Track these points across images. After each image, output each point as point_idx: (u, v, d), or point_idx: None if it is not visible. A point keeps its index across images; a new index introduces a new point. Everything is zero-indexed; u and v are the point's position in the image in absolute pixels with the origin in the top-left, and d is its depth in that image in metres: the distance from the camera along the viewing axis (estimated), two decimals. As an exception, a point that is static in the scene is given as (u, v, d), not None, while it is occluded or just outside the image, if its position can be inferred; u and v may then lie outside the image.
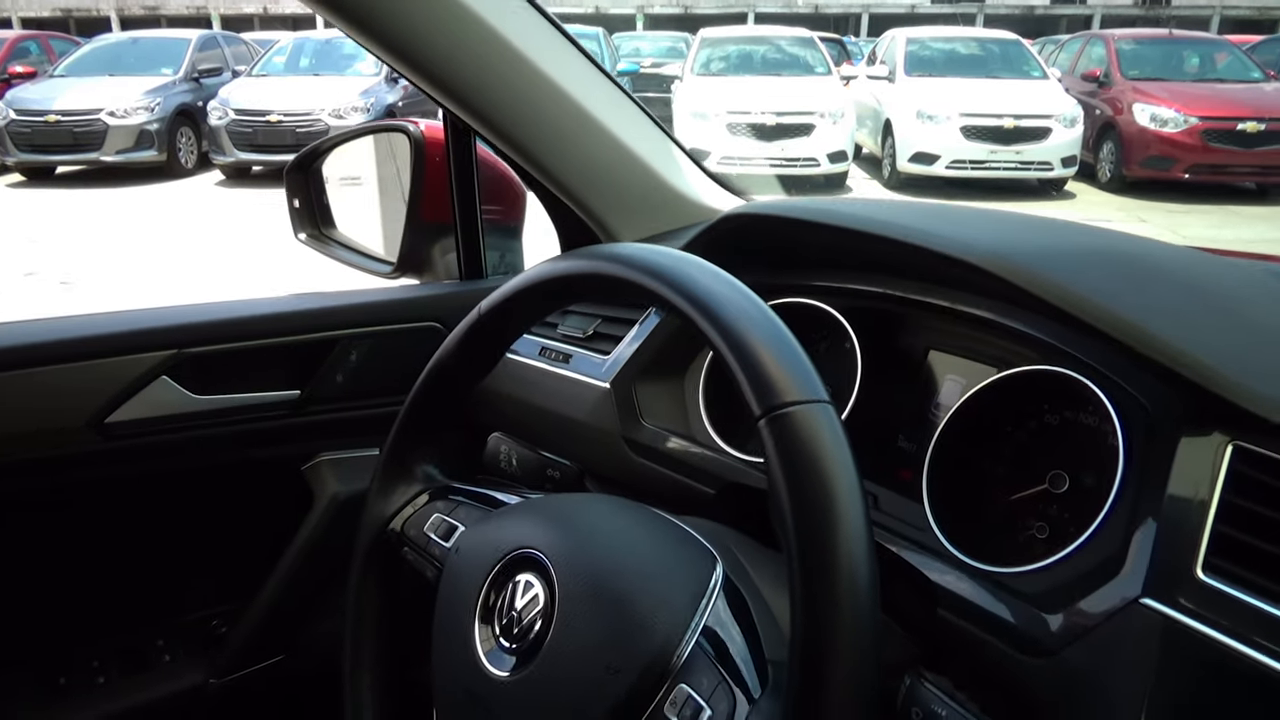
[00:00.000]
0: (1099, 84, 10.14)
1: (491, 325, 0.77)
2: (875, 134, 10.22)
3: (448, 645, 0.69)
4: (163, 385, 1.05)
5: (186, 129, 10.59)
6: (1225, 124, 8.88)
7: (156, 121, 10.02)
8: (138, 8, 26.10)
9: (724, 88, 9.68)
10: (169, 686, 1.16)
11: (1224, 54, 10.52)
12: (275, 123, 9.61)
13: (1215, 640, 0.57)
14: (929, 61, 10.24)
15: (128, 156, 9.91)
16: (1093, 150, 9.75)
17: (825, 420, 0.54)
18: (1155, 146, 9.05)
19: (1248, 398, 0.62)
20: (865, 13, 24.57)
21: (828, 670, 0.49)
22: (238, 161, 9.90)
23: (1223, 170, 8.99)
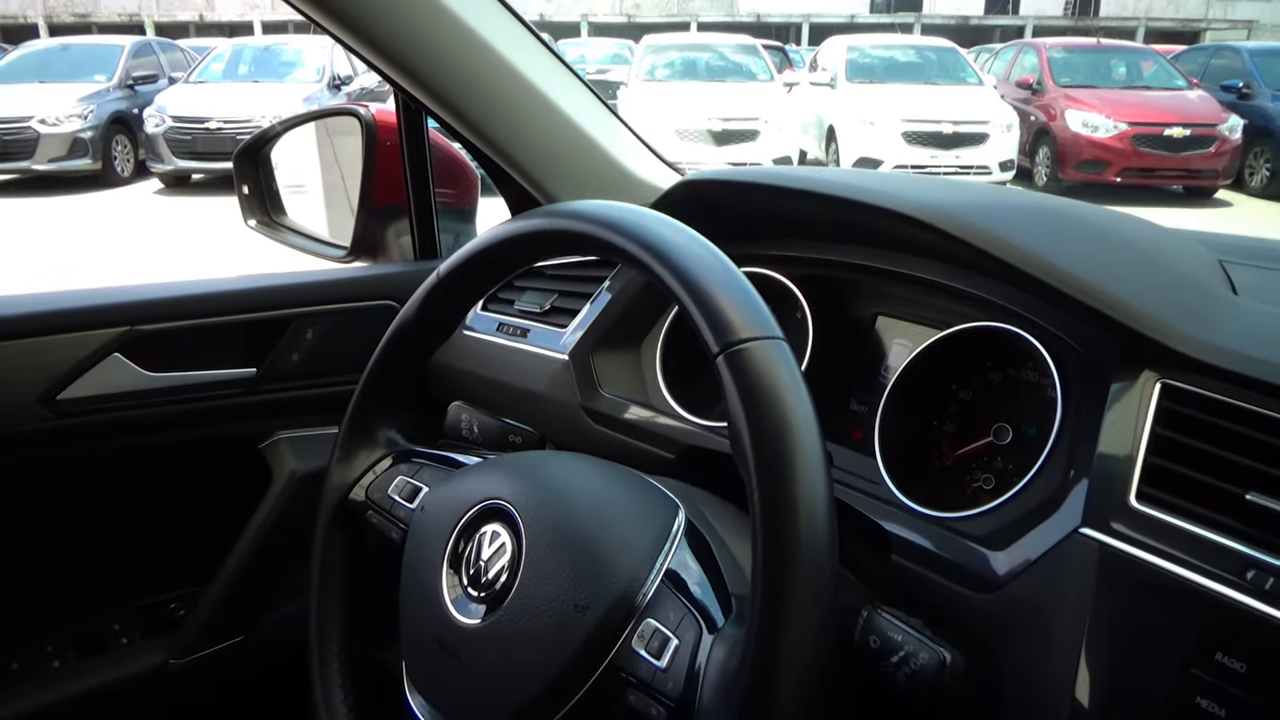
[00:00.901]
0: (1032, 91, 10.42)
1: (450, 289, 0.78)
2: (819, 140, 10.38)
3: (416, 599, 0.70)
4: (115, 363, 1.03)
5: (122, 137, 10.35)
6: (1153, 129, 9.18)
7: (90, 129, 9.78)
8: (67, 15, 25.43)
9: (670, 94, 9.75)
10: (128, 668, 1.14)
11: (1150, 63, 10.88)
12: (215, 130, 9.43)
13: (1148, 562, 0.61)
14: (869, 69, 10.43)
15: (61, 165, 9.65)
16: (1029, 155, 10.01)
17: (780, 354, 0.56)
18: (1088, 151, 9.33)
19: (1174, 338, 0.66)
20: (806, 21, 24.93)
21: (790, 588, 0.51)
22: (176, 169, 9.69)
23: (1152, 174, 9.30)
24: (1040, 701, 0.62)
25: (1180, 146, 9.17)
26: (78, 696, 1.11)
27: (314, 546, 0.82)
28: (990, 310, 0.83)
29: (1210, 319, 0.68)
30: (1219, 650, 0.56)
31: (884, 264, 0.92)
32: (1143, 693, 0.58)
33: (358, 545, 0.83)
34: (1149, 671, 0.58)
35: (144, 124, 9.74)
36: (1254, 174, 9.86)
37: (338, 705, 0.78)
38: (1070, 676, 0.61)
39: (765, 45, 12.13)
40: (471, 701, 0.64)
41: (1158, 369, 0.67)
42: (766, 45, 12.46)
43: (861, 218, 0.85)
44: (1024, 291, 0.79)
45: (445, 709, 0.66)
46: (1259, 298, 0.74)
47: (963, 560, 0.72)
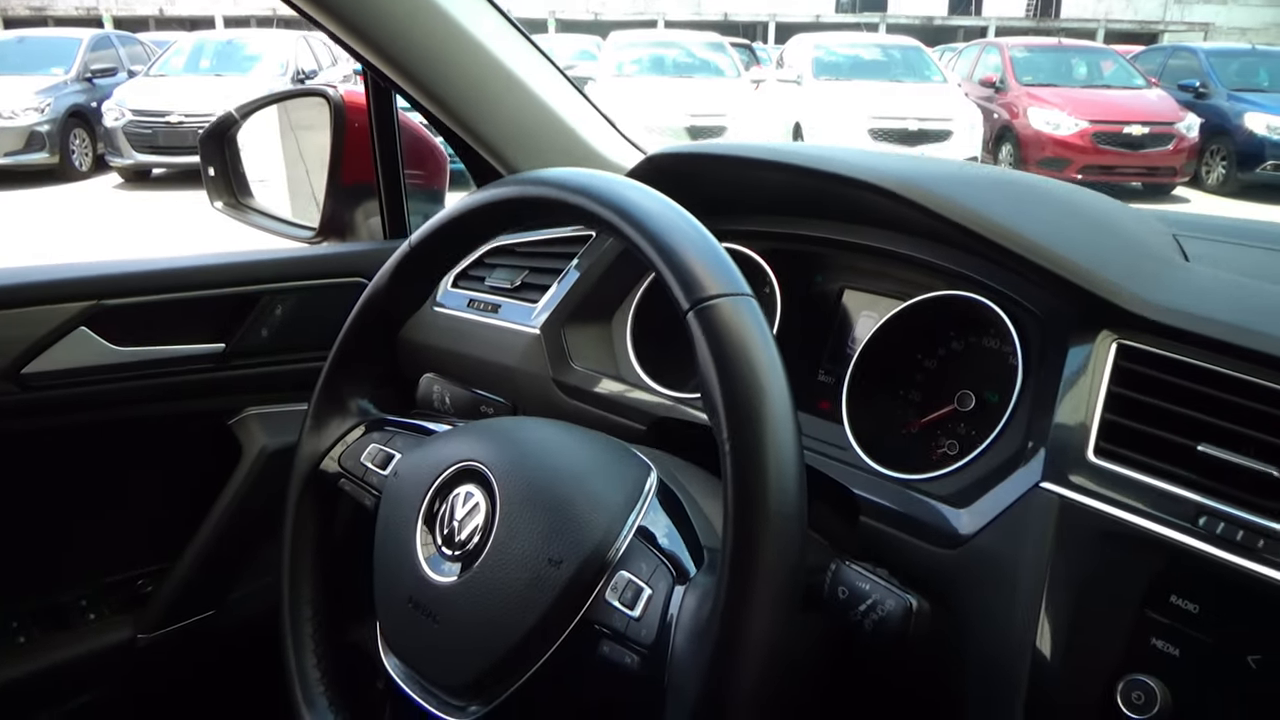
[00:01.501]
0: (995, 89, 10.55)
1: (422, 258, 0.79)
2: (786, 136, 10.44)
3: (390, 560, 0.70)
4: (81, 336, 1.02)
5: (80, 130, 10.15)
6: (1113, 127, 9.34)
7: (47, 123, 9.58)
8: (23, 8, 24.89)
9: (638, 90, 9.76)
10: (95, 643, 1.13)
11: (1110, 62, 11.06)
12: (176, 124, 9.28)
13: (1105, 513, 0.63)
14: (835, 66, 10.51)
15: (17, 159, 9.45)
16: (992, 152, 10.14)
17: (749, 310, 0.57)
18: (1050, 148, 9.46)
19: (1129, 300, 0.69)
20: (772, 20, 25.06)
21: (761, 533, 0.52)
22: (137, 164, 9.53)
23: (1111, 171, 9.45)
24: (1002, 651, 0.64)
25: (1139, 144, 9.33)
26: (44, 671, 1.10)
27: (286, 515, 0.82)
28: (953, 280, 0.85)
29: (1163, 282, 0.70)
30: (1173, 593, 0.58)
31: (849, 237, 0.94)
32: (1101, 639, 0.60)
33: (330, 514, 0.83)
34: (1107, 618, 0.60)
35: (103, 118, 9.57)
36: (1210, 171, 10.06)
37: (310, 670, 0.78)
38: (1031, 626, 0.63)
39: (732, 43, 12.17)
40: (447, 658, 0.64)
41: (1114, 330, 0.69)
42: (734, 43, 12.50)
43: (827, 188, 0.86)
44: (985, 259, 0.81)
45: (420, 667, 0.67)
46: (1209, 264, 0.77)
47: (928, 519, 0.74)
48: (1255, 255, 0.83)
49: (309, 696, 0.77)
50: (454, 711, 0.64)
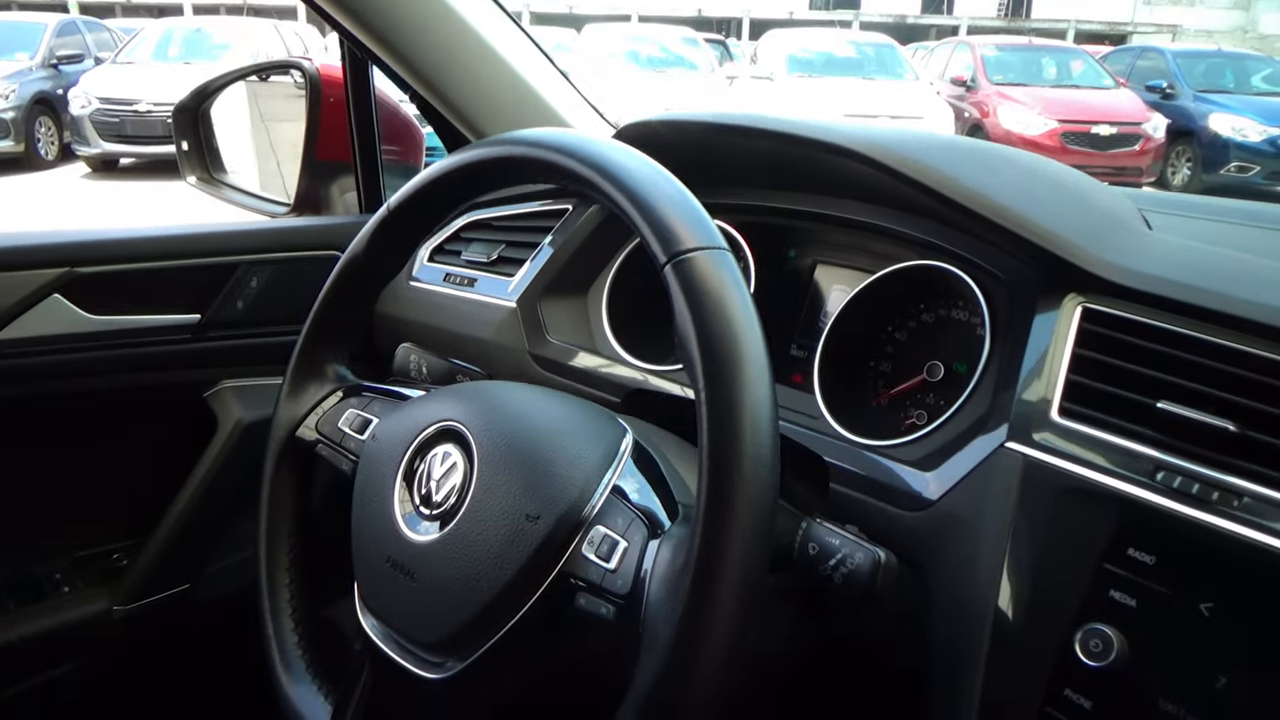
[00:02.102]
0: (966, 88, 10.65)
1: (400, 221, 0.79)
2: (759, 132, 10.46)
3: (367, 521, 0.70)
4: (55, 303, 1.02)
5: (46, 118, 9.96)
6: (1081, 127, 9.45)
7: (12, 110, 9.39)
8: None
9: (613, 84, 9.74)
10: (71, 614, 1.13)
11: (1079, 63, 11.19)
12: (144, 112, 9.13)
13: (1067, 470, 0.65)
14: (809, 63, 10.55)
15: (-20, 145, 9.28)
16: (962, 150, 10.22)
17: (725, 263, 0.58)
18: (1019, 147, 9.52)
19: (1094, 263, 0.71)
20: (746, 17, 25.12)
21: (736, 478, 0.53)
22: (104, 153, 9.36)
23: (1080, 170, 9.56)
24: (968, 607, 0.66)
25: (1107, 144, 9.45)
26: (19, 642, 1.09)
27: (263, 481, 0.82)
28: (923, 251, 0.87)
29: (1127, 248, 0.73)
30: (1131, 546, 0.60)
31: (823, 209, 0.95)
32: (1061, 591, 0.62)
33: (308, 479, 0.83)
34: (1068, 571, 0.62)
35: (69, 105, 9.40)
36: (1175, 172, 10.21)
37: (288, 635, 0.78)
38: (995, 581, 0.65)
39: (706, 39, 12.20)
40: (425, 615, 0.65)
41: (1079, 294, 0.71)
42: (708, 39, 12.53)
43: (800, 154, 0.87)
44: (954, 228, 0.83)
45: (399, 626, 0.67)
46: (1172, 233, 0.79)
47: (896, 483, 0.76)
48: (1216, 227, 0.86)
49: (287, 661, 0.77)
50: (432, 668, 0.65)
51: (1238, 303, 0.63)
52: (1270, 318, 0.62)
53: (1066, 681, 0.60)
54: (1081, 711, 0.59)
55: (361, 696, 0.70)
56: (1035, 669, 0.61)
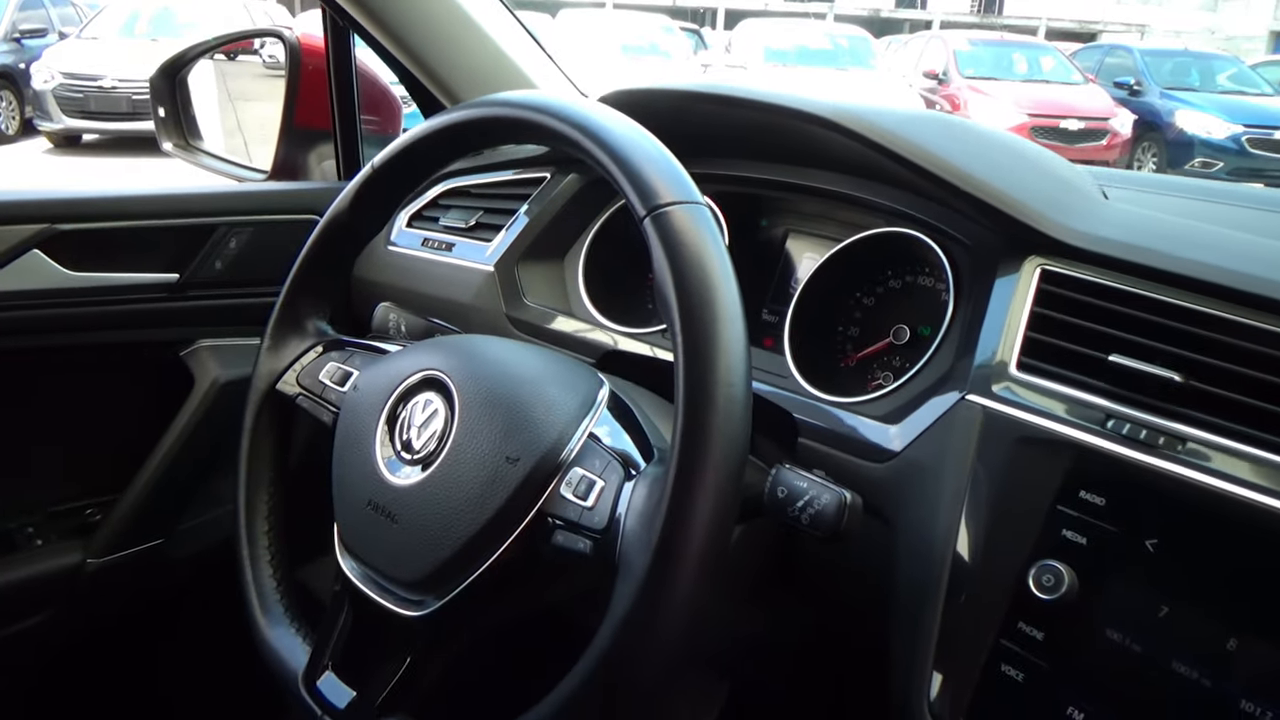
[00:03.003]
0: (938, 81, 10.74)
1: (382, 180, 0.80)
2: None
3: (349, 467, 0.72)
4: (34, 259, 1.02)
5: (7, 92, 9.76)
6: (1050, 121, 9.58)
7: (-29, 83, 9.23)
8: (-55, -36, 23.78)
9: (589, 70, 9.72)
10: (43, 566, 1.13)
11: (1049, 58, 11.33)
12: (109, 88, 8.98)
13: (1024, 420, 0.68)
14: (783, 53, 10.60)
15: (-61, 119, 9.08)
16: (934, 142, 10.32)
17: (702, 216, 0.60)
18: (990, 139, 9.66)
19: (1053, 227, 0.74)
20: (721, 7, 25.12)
21: (710, 416, 0.55)
22: (67, 129, 9.19)
23: (1044, 154, 9.69)
24: (928, 550, 0.69)
25: (1075, 138, 9.58)
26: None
27: (243, 432, 0.83)
28: (890, 218, 0.90)
29: (1084, 213, 0.76)
30: (1082, 489, 0.64)
31: (794, 178, 0.98)
32: (1016, 531, 0.65)
33: (287, 431, 0.85)
34: (1022, 514, 0.65)
35: (31, 80, 9.22)
36: (1141, 166, 10.36)
37: (266, 581, 0.79)
38: (954, 526, 0.68)
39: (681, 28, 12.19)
40: (405, 555, 0.66)
41: (1038, 256, 0.75)
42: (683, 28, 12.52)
43: (775, 123, 0.90)
44: (920, 195, 0.86)
45: (378, 565, 0.68)
46: (1126, 204, 0.83)
47: (862, 436, 0.79)
48: (1168, 200, 0.90)
49: (265, 605, 0.78)
50: (411, 606, 0.66)
51: (1185, 263, 0.67)
52: (1215, 276, 0.65)
53: (1020, 615, 0.63)
54: (1034, 642, 0.62)
55: (340, 637, 0.72)
56: (991, 603, 0.64)
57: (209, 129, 1.48)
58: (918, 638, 0.67)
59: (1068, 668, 0.61)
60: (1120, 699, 0.58)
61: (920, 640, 0.67)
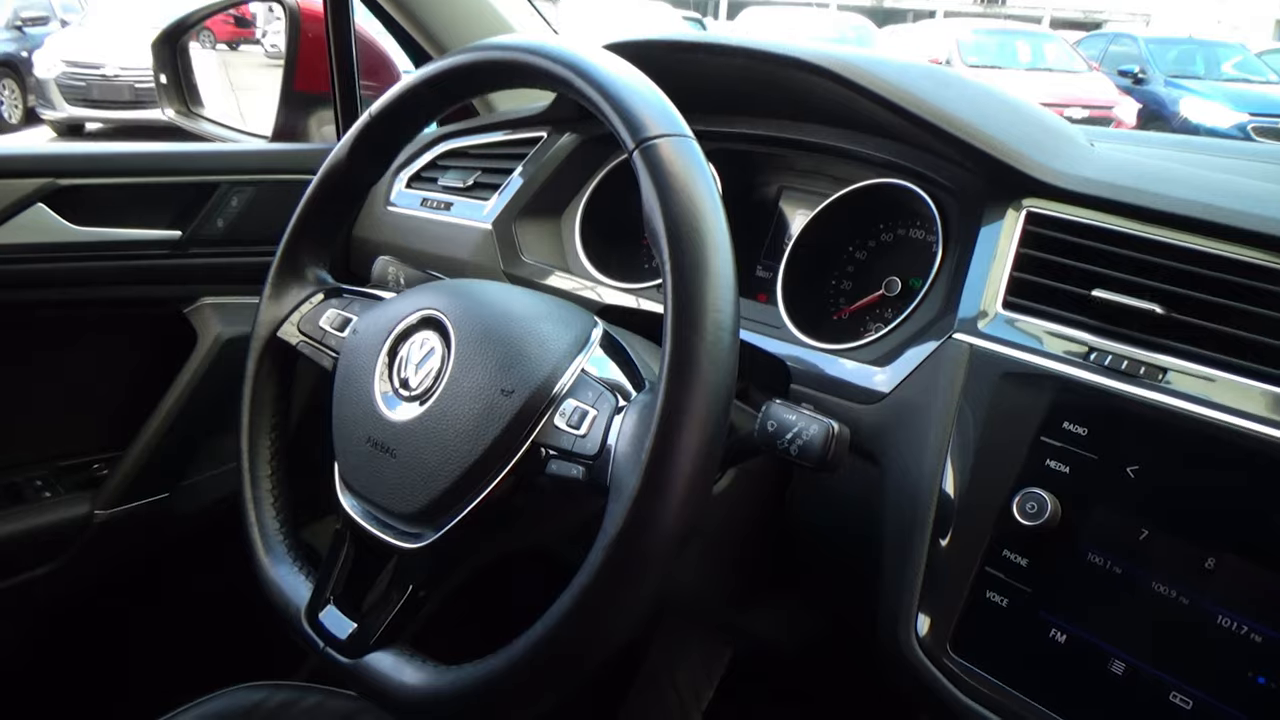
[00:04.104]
0: (942, 69, 10.72)
1: (380, 127, 0.81)
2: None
3: (349, 406, 0.73)
4: (38, 212, 1.03)
5: (9, 81, 9.75)
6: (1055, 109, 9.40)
7: (-27, 73, 9.22)
8: (-53, -46, 23.76)
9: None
10: (51, 517, 1.15)
11: (1053, 46, 11.30)
12: (111, 76, 8.97)
13: (1009, 356, 0.69)
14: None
15: (-59, 108, 9.09)
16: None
17: (690, 149, 0.61)
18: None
19: (1038, 169, 0.75)
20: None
21: (698, 340, 0.56)
22: (70, 118, 9.16)
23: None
24: (916, 483, 0.70)
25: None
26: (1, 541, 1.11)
27: (245, 379, 0.84)
28: (881, 169, 0.91)
29: (1069, 157, 0.78)
30: (1065, 420, 0.65)
31: (787, 133, 0.99)
32: (1000, 464, 0.66)
33: (289, 378, 0.86)
34: (1006, 445, 0.67)
35: (33, 68, 9.22)
36: (1144, 155, 10.36)
37: (269, 522, 0.81)
38: (941, 459, 0.69)
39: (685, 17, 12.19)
40: (403, 488, 0.67)
41: (1024, 198, 0.76)
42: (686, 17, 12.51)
43: (767, 73, 0.91)
44: (910, 144, 0.87)
45: (377, 500, 0.69)
46: (1111, 149, 0.84)
47: (853, 379, 0.80)
48: (1153, 149, 0.91)
49: (268, 545, 0.80)
50: (410, 539, 0.68)
51: (1168, 200, 0.68)
52: (1196, 211, 0.67)
53: (1005, 543, 0.64)
54: (1018, 568, 0.63)
55: (341, 572, 0.73)
56: (976, 534, 0.65)
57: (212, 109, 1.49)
58: (905, 572, 0.69)
59: (1050, 592, 0.62)
60: (1101, 619, 0.60)
61: (907, 575, 0.68)
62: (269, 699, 0.92)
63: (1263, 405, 0.59)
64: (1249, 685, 0.54)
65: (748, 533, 0.86)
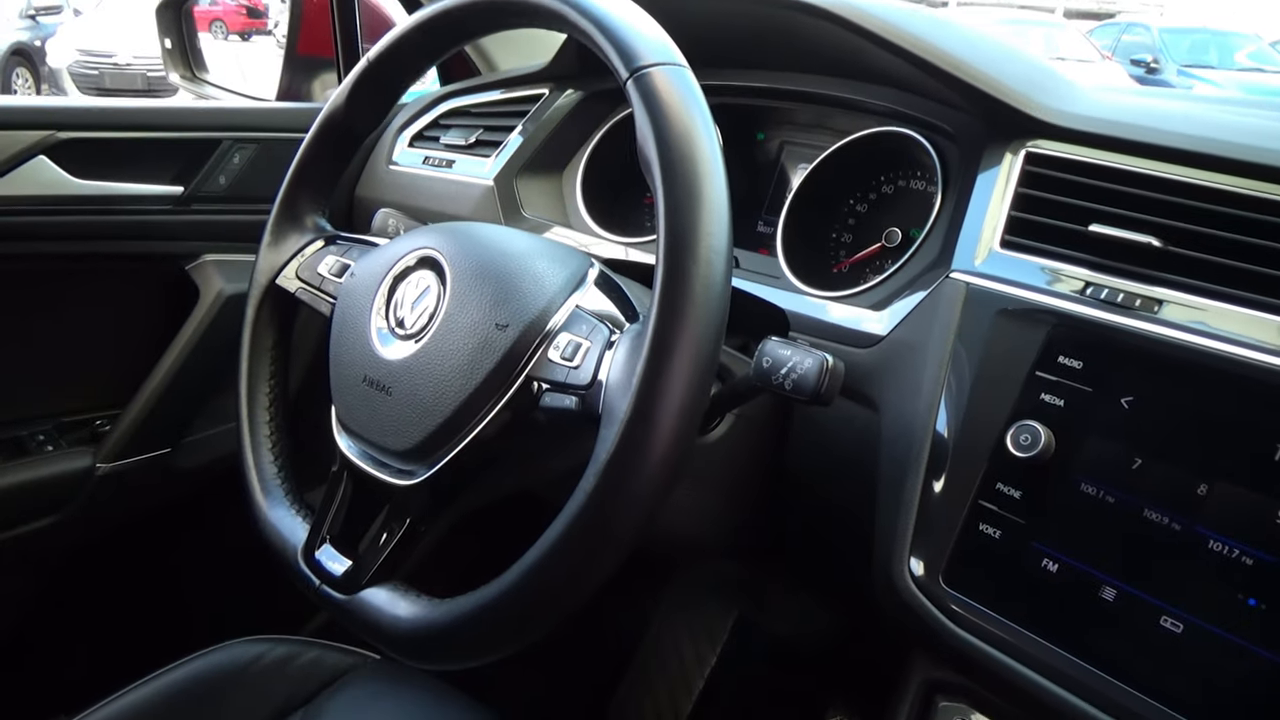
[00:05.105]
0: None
1: (377, 74, 0.81)
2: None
3: (345, 346, 0.73)
4: (40, 164, 1.04)
5: (23, 70, 9.79)
6: (1065, 98, 9.49)
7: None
8: (-39, -55, 23.82)
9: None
10: (54, 469, 1.16)
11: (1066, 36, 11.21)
12: (124, 65, 9.00)
13: (1006, 293, 0.69)
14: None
15: (-44, 96, 9.14)
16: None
17: (685, 78, 0.61)
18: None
19: (1036, 108, 0.75)
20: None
21: (691, 264, 0.56)
22: (83, 106, 9.24)
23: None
24: (912, 419, 0.70)
25: (1090, 115, 9.51)
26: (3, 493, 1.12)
27: (244, 325, 0.84)
28: (881, 119, 0.91)
29: (1066, 97, 0.78)
30: (1061, 354, 0.64)
31: (788, 84, 0.99)
32: (996, 399, 0.66)
33: (289, 325, 0.86)
34: (1002, 381, 0.66)
35: (46, 57, 9.26)
36: (1157, 145, 10.28)
37: (267, 466, 0.81)
38: (937, 394, 0.69)
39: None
40: (399, 426, 0.67)
41: (1022, 138, 0.76)
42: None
43: (767, 19, 0.90)
44: (910, 90, 0.87)
45: (373, 438, 0.69)
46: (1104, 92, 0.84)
47: (851, 324, 0.80)
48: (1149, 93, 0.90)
49: (265, 488, 0.80)
50: (405, 475, 0.68)
51: (1163, 134, 0.68)
52: (1192, 145, 0.67)
53: (998, 476, 0.64)
54: (1011, 500, 0.63)
55: (338, 512, 0.73)
56: (971, 467, 0.65)
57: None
58: (899, 510, 0.68)
59: (1043, 523, 0.62)
60: (1093, 548, 0.59)
61: (901, 512, 0.68)
62: (268, 653, 0.93)
63: (1258, 332, 0.58)
64: (1239, 607, 0.54)
65: (747, 479, 0.86)
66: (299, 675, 0.91)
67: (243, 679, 0.90)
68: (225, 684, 0.89)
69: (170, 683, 0.88)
